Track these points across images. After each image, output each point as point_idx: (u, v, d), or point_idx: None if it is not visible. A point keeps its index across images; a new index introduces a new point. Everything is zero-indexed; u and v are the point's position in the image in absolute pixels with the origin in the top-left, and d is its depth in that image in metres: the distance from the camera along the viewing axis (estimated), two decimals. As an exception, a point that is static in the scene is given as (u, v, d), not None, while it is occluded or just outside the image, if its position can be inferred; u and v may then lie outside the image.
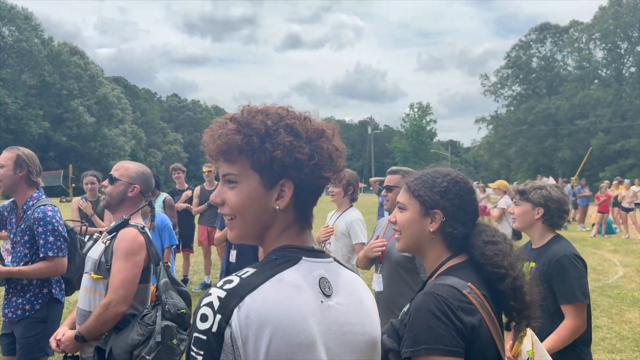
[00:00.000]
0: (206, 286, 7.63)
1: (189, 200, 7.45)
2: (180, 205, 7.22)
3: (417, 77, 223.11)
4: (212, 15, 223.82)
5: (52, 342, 2.56)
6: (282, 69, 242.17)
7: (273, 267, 1.01)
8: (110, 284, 2.42)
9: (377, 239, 3.01)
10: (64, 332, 2.54)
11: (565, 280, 2.34)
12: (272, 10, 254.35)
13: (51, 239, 2.94)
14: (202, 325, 0.92)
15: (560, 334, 2.31)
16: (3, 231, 3.40)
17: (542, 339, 2.10)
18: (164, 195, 6.21)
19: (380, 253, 2.89)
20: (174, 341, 2.43)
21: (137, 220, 2.62)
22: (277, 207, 1.05)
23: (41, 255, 2.94)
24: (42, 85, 48.78)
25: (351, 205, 4.16)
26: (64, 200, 29.27)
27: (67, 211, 3.17)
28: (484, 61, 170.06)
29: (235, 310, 0.91)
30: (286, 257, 1.04)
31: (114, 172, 2.61)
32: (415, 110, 70.44)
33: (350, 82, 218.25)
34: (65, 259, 3.00)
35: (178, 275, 7.72)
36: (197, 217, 7.80)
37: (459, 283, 1.42)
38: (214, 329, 0.91)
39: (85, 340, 2.45)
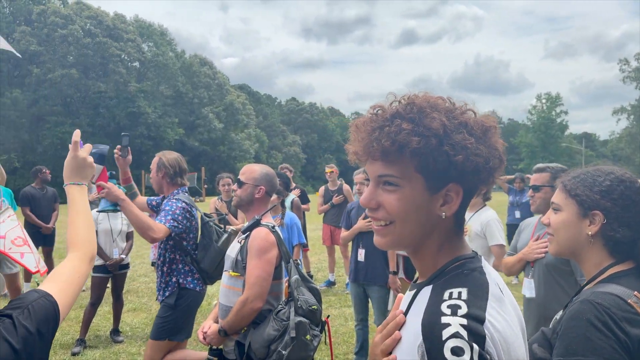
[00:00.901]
0: (330, 284, 7.79)
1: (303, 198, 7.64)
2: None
3: (545, 65, 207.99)
4: (327, 18, 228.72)
5: (200, 334, 2.73)
6: (396, 66, 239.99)
7: (477, 283, 0.90)
8: (246, 281, 2.53)
9: (535, 240, 2.78)
10: (209, 326, 2.70)
11: None
12: (386, 8, 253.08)
13: (163, 213, 3.27)
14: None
15: None
16: None
17: None
18: (292, 196, 6.45)
19: (542, 255, 2.67)
20: (307, 337, 2.48)
21: (268, 220, 2.72)
22: (443, 214, 0.94)
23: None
24: (176, 95, 53.59)
25: (485, 205, 3.94)
26: (198, 200, 31.84)
27: (202, 210, 3.46)
28: (622, 45, 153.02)
29: (486, 337, 0.81)
30: (474, 269, 0.94)
31: (241, 176, 2.75)
32: (544, 101, 65.73)
33: (470, 75, 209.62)
34: (166, 229, 3.17)
35: (304, 273, 7.96)
36: (321, 216, 7.97)
37: (624, 292, 1.28)
38: (476, 359, 0.79)
39: (227, 334, 2.59)
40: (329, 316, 3.04)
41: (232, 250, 2.72)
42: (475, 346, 0.79)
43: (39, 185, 7.38)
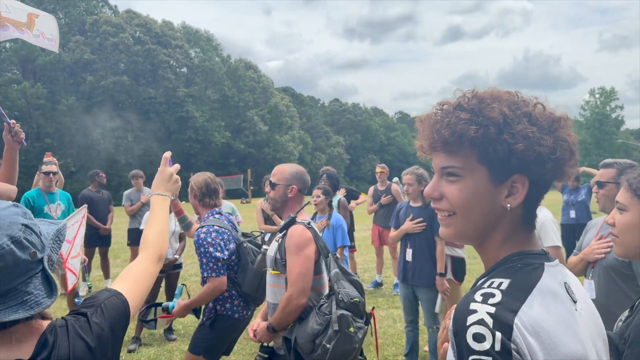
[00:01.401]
0: (377, 285, 7.73)
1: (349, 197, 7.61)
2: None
3: (599, 59, 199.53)
4: (370, 18, 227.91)
5: (250, 332, 2.79)
6: (441, 63, 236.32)
7: (527, 276, 0.89)
8: (288, 278, 2.56)
9: (598, 239, 2.67)
10: (258, 324, 2.76)
11: None
12: (430, 4, 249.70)
13: (204, 260, 3.16)
14: (479, 346, 0.79)
15: None
16: None
17: None
18: (338, 196, 6.44)
19: (602, 256, 2.56)
20: (351, 329, 2.48)
21: (303, 217, 2.74)
22: (508, 206, 0.93)
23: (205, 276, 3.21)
24: (223, 99, 54.75)
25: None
26: (244, 201, 32.34)
27: (246, 211, 3.41)
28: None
29: (514, 326, 0.80)
30: (532, 265, 0.92)
31: (272, 178, 2.80)
32: (597, 96, 62.96)
33: (519, 70, 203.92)
34: (222, 278, 3.13)
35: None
36: (371, 216, 7.93)
37: None
38: (497, 348, 0.79)
39: (275, 330, 2.63)
40: (373, 308, 3.03)
41: (271, 249, 2.76)
42: (499, 334, 0.79)
43: (96, 188, 7.69)
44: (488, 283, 0.89)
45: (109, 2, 54.59)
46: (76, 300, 5.88)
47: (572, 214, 8.23)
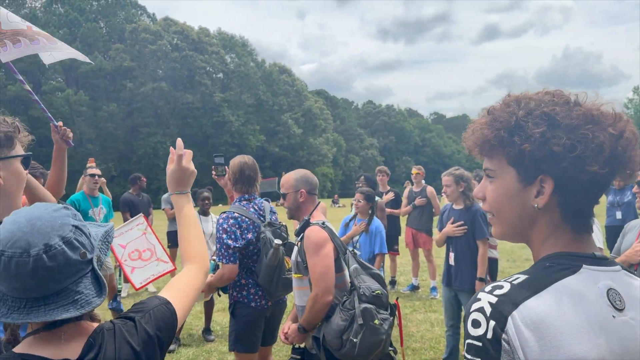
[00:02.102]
0: (414, 288, 7.63)
1: (394, 202, 7.54)
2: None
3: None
4: (405, 18, 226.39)
5: (281, 335, 2.86)
6: (478, 62, 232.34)
7: (548, 274, 0.90)
8: (311, 279, 2.62)
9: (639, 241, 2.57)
10: (289, 326, 2.82)
11: None
12: (466, 3, 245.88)
13: (218, 246, 3.20)
14: (475, 331, 0.87)
15: None
16: None
17: None
18: (376, 198, 6.39)
19: None
20: (376, 321, 2.51)
21: (318, 217, 2.79)
22: (536, 205, 0.95)
23: None
24: (258, 104, 55.40)
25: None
26: (279, 204, 32.52)
27: (282, 214, 3.39)
28: None
29: (510, 318, 0.84)
30: (563, 265, 0.92)
31: (281, 189, 2.90)
32: (642, 93, 60.39)
33: (558, 68, 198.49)
34: (232, 266, 3.11)
35: (386, 277, 7.85)
36: (404, 218, 7.84)
37: None
38: (489, 336, 0.85)
39: (306, 331, 2.69)
40: (397, 298, 3.02)
41: (294, 253, 2.83)
42: (492, 322, 0.85)
43: (136, 191, 7.90)
44: (509, 277, 0.92)
45: (148, 11, 56.27)
46: (115, 302, 6.02)
47: (619, 215, 7.88)
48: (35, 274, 0.97)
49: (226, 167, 3.54)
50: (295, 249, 2.80)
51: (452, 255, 4.26)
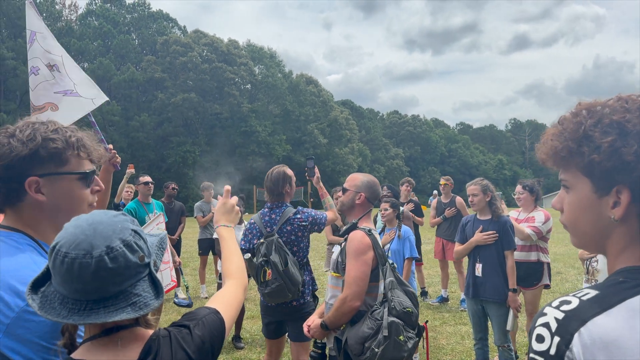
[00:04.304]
0: (443, 300, 7.56)
1: (414, 212, 7.53)
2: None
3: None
4: (431, 28, 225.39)
5: (305, 328, 2.92)
6: (506, 73, 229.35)
7: (620, 290, 0.86)
8: (345, 281, 2.66)
9: None
10: (314, 320, 2.88)
11: None
12: (495, 13, 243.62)
13: None
14: (538, 347, 0.85)
15: None
16: None
17: None
18: (401, 208, 6.40)
19: None
20: (401, 337, 2.51)
21: (366, 224, 2.83)
22: (612, 217, 0.91)
23: None
24: (284, 114, 55.84)
25: None
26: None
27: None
28: None
29: (577, 335, 0.81)
30: (637, 280, 0.87)
31: (345, 184, 2.97)
32: (678, 104, 58.59)
33: (588, 78, 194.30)
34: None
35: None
36: (434, 229, 7.81)
37: None
38: (552, 352, 0.82)
39: (328, 328, 2.72)
40: (427, 321, 3.02)
41: (335, 252, 2.89)
42: (557, 338, 0.82)
43: (168, 199, 8.04)
44: (578, 292, 0.89)
45: (179, 23, 57.57)
46: (176, 300, 6.19)
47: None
48: (97, 275, 1.00)
49: (316, 167, 3.97)
50: (338, 248, 2.86)
51: (479, 266, 4.21)
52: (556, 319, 0.85)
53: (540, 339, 0.85)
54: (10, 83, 39.94)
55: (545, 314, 0.87)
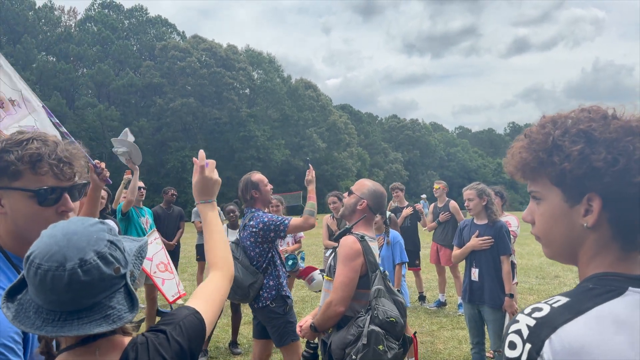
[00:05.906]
0: (440, 304, 7.56)
1: (414, 217, 7.54)
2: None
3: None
4: (431, 32, 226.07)
5: (297, 328, 2.96)
6: (505, 76, 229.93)
7: (590, 297, 0.87)
8: (333, 285, 2.67)
9: None
10: (306, 320, 2.90)
11: None
12: (494, 17, 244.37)
13: None
14: (510, 353, 0.87)
15: None
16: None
17: None
18: (388, 213, 6.42)
19: None
20: (380, 347, 2.50)
21: (361, 230, 2.82)
22: (585, 225, 0.93)
23: None
24: (283, 118, 55.86)
25: None
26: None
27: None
28: None
29: (547, 342, 0.82)
30: (607, 287, 0.88)
31: (353, 187, 2.95)
32: (676, 107, 58.78)
33: (587, 82, 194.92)
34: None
35: (413, 292, 7.82)
36: (429, 234, 7.82)
37: None
38: (524, 358, 0.84)
39: (317, 330, 2.76)
40: (415, 333, 3.02)
41: (331, 257, 2.91)
42: (528, 345, 0.84)
43: (166, 205, 8.02)
44: (549, 299, 0.91)
45: (177, 28, 57.56)
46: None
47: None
48: (70, 287, 0.98)
49: (311, 169, 4.11)
50: (334, 253, 2.87)
51: (475, 271, 4.23)
52: (528, 326, 0.86)
53: (513, 345, 0.87)
54: (9, 89, 39.88)
55: (517, 321, 0.89)
